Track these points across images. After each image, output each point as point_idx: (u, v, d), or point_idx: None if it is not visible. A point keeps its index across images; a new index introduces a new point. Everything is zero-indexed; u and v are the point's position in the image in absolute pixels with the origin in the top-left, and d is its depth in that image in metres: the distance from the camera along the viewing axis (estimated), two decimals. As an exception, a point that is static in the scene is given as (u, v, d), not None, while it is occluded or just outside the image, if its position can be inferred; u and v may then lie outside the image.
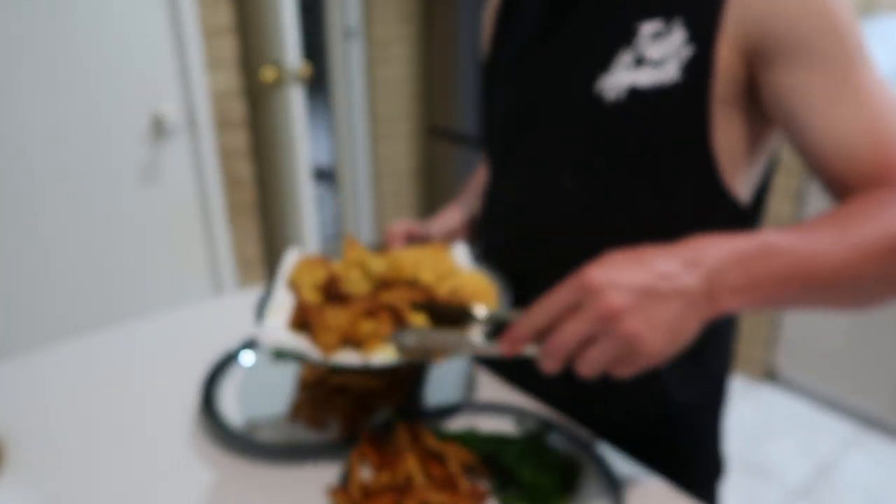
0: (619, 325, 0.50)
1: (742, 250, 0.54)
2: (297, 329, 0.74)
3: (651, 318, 0.51)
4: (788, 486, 2.11)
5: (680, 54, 0.66)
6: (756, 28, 0.63)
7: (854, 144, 0.62)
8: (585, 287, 0.52)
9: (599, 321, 0.51)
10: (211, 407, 0.84)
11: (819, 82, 0.62)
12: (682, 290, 0.52)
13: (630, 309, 0.50)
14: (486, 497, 0.71)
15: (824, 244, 0.55)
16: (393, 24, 2.91)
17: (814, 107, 0.63)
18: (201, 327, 1.07)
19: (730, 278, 0.53)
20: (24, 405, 0.89)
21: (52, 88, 1.73)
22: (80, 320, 1.92)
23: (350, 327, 0.71)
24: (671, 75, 0.67)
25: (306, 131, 2.23)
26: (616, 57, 0.70)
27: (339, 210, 3.18)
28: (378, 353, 0.71)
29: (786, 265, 0.54)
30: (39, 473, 0.77)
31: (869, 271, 0.55)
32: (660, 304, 0.51)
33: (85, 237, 1.88)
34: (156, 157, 1.96)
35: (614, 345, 0.51)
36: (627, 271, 0.52)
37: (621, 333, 0.50)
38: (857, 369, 2.31)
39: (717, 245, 0.54)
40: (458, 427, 0.80)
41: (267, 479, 0.75)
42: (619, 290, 0.51)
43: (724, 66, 0.65)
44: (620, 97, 0.69)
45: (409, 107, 3.10)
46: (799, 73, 0.63)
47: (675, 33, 0.66)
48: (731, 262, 0.53)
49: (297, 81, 2.12)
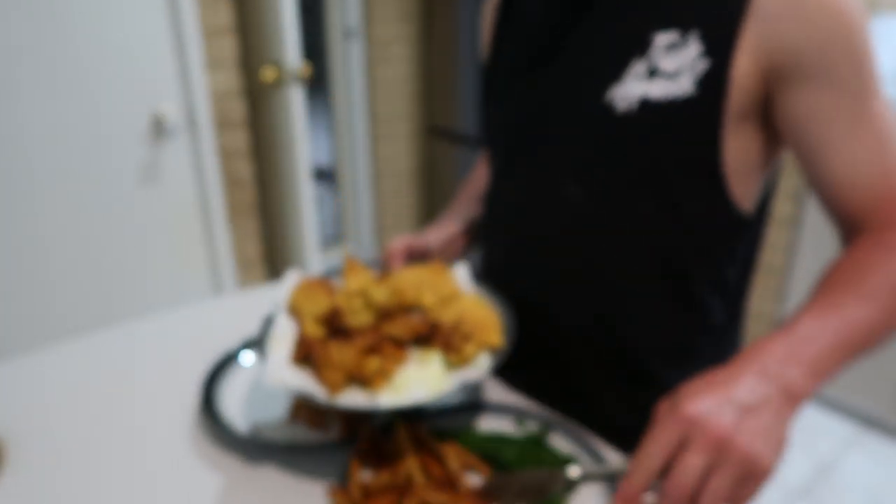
0: (734, 446, 0.50)
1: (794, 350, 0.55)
2: (300, 362, 0.73)
3: (758, 431, 0.50)
4: (788, 486, 2.11)
5: (695, 68, 0.65)
6: (780, 46, 0.62)
7: (865, 175, 0.62)
8: (686, 420, 0.51)
9: (714, 449, 0.50)
10: (211, 407, 0.84)
11: (838, 108, 0.62)
12: (766, 398, 0.52)
13: (738, 427, 0.50)
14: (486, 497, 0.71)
15: (857, 313, 0.58)
16: (393, 24, 2.91)
17: (830, 132, 0.63)
18: (201, 327, 1.07)
19: (794, 375, 0.54)
20: (24, 405, 0.89)
21: (53, 89, 1.73)
22: (80, 320, 1.92)
23: (355, 365, 0.70)
24: (685, 89, 0.65)
25: (306, 131, 2.22)
26: (628, 67, 0.68)
27: (339, 210, 3.18)
28: (384, 392, 0.70)
29: (830, 346, 0.56)
30: (39, 473, 0.77)
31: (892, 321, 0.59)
32: (757, 416, 0.51)
33: (85, 237, 1.88)
34: (156, 157, 1.96)
35: (735, 468, 0.49)
36: (717, 395, 0.52)
37: (739, 454, 0.49)
38: (856, 369, 2.30)
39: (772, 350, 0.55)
40: (458, 427, 0.80)
41: (267, 479, 0.75)
42: (720, 414, 0.50)
43: (740, 81, 0.64)
44: (632, 108, 0.68)
45: (409, 107, 3.10)
46: (820, 97, 0.62)
47: (691, 46, 0.65)
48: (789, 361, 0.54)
49: (297, 81, 2.12)
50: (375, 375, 0.70)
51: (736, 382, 0.53)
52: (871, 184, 0.62)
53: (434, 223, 0.99)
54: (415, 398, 0.69)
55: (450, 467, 0.72)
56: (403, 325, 0.74)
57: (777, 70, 0.63)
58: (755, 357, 0.55)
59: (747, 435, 0.50)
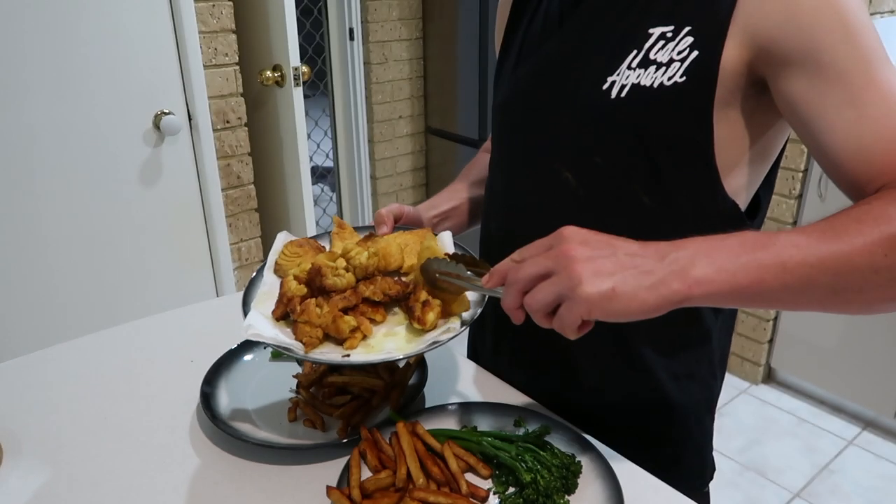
0: (569, 265, 0.56)
1: (717, 240, 0.56)
2: (280, 319, 0.76)
3: (599, 270, 0.55)
4: (788, 486, 2.11)
5: (685, 58, 0.67)
6: (768, 36, 0.63)
7: (869, 145, 0.61)
8: (559, 235, 0.59)
9: (555, 259, 0.57)
10: (211, 407, 0.84)
11: (832, 89, 0.62)
12: (640, 264, 0.55)
13: (585, 258, 0.56)
14: (487, 497, 0.71)
15: (810, 240, 0.55)
16: (393, 25, 2.91)
17: (827, 113, 0.62)
18: (201, 327, 1.07)
19: (701, 264, 0.55)
20: (24, 405, 0.89)
21: (55, 90, 1.73)
22: (80, 319, 1.92)
23: (331, 322, 0.73)
24: (675, 76, 0.67)
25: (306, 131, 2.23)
26: (625, 58, 0.71)
27: (338, 210, 3.18)
28: (358, 349, 0.73)
29: (763, 256, 0.54)
30: (39, 473, 0.77)
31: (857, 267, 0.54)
32: (611, 262, 0.55)
33: (86, 237, 1.88)
34: (157, 157, 1.96)
35: (560, 281, 0.56)
36: (600, 237, 0.58)
37: (569, 273, 0.55)
38: (856, 370, 2.31)
39: (694, 239, 0.57)
40: (458, 427, 0.80)
41: (267, 478, 0.75)
42: (583, 245, 0.57)
43: (728, 69, 0.66)
44: (624, 94, 0.70)
45: (409, 108, 3.11)
46: (811, 82, 0.62)
47: (683, 39, 0.67)
48: (706, 249, 0.55)
49: (297, 82, 2.12)
50: (350, 334, 0.73)
51: (630, 242, 0.58)
52: (877, 153, 0.61)
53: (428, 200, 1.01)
54: (385, 356, 0.71)
55: (450, 467, 0.72)
56: (379, 287, 0.77)
57: (766, 59, 0.64)
58: (670, 243, 0.57)
59: (589, 266, 0.55)
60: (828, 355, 2.37)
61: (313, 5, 2.83)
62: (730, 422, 2.39)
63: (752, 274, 0.54)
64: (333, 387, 0.86)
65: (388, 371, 0.88)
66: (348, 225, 0.90)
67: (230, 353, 0.94)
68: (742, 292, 0.55)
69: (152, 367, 0.97)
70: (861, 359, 2.28)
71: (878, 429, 2.34)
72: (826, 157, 0.64)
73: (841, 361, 2.34)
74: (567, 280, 0.55)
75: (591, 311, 0.55)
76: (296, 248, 0.85)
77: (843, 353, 2.33)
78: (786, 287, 0.54)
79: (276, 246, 0.86)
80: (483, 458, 0.75)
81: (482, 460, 0.75)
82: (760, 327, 2.50)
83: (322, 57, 2.92)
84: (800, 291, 0.55)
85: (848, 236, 0.54)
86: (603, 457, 0.74)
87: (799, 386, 2.54)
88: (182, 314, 1.12)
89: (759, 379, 2.58)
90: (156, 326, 1.09)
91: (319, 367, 0.89)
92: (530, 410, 0.82)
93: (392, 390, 0.85)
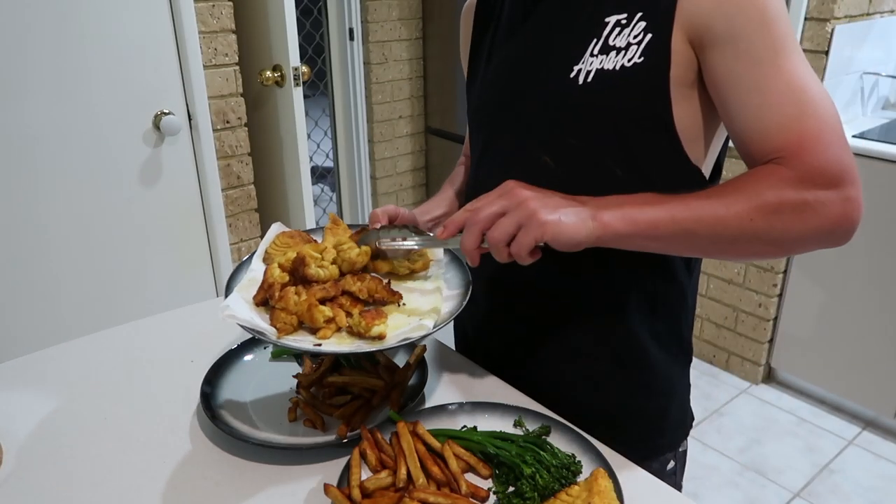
0: (525, 204, 0.69)
1: (627, 196, 0.71)
2: (260, 305, 0.78)
3: (546, 205, 0.69)
4: (788, 486, 2.11)
5: (640, 41, 0.75)
6: (701, 21, 0.71)
7: (767, 127, 0.69)
8: (505, 185, 0.72)
9: (509, 199, 0.70)
10: (211, 407, 0.84)
11: (745, 74, 0.70)
12: (570, 205, 0.70)
13: (534, 198, 0.69)
14: (487, 497, 0.71)
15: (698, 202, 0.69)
16: (393, 25, 2.91)
17: (740, 95, 0.71)
18: (201, 327, 1.07)
19: (610, 211, 0.69)
20: (24, 405, 0.89)
21: (56, 90, 1.73)
22: (80, 319, 1.92)
23: (306, 311, 0.74)
24: (633, 58, 0.75)
25: (306, 131, 2.23)
26: (587, 46, 0.78)
27: (338, 210, 3.18)
28: (331, 340, 0.74)
29: (658, 210, 0.69)
30: (39, 473, 0.77)
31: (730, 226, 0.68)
32: (553, 201, 0.70)
33: (86, 237, 1.88)
34: (157, 158, 1.96)
35: (517, 213, 0.68)
36: (536, 188, 0.71)
37: (526, 207, 0.68)
38: (856, 370, 2.31)
39: (609, 196, 0.71)
40: (458, 427, 0.80)
41: (267, 478, 0.75)
42: (528, 189, 0.71)
43: (678, 52, 0.73)
44: (589, 79, 0.78)
45: (409, 108, 3.11)
46: (730, 65, 0.71)
47: (636, 24, 0.75)
48: (616, 202, 0.70)
49: (297, 82, 2.12)
50: (325, 324, 0.74)
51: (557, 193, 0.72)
52: (773, 135, 0.69)
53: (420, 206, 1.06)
54: (353, 347, 0.73)
55: (450, 467, 0.72)
56: (366, 286, 0.78)
57: (699, 41, 0.72)
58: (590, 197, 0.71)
59: (538, 202, 0.69)
60: (828, 355, 2.37)
61: (313, 5, 2.83)
62: (730, 422, 2.39)
63: (647, 222, 0.69)
64: (333, 387, 0.86)
65: (389, 371, 0.89)
66: (342, 222, 0.92)
67: (230, 353, 0.94)
68: (640, 234, 0.69)
69: (152, 367, 0.97)
70: (861, 359, 2.28)
71: (878, 429, 2.34)
72: (734, 134, 0.74)
73: (841, 361, 2.34)
74: (524, 211, 0.68)
75: (544, 235, 0.67)
76: (286, 239, 0.87)
77: (843, 353, 2.33)
78: (674, 235, 0.69)
79: (269, 236, 0.89)
80: (483, 457, 0.75)
81: (482, 460, 0.75)
82: (760, 327, 2.51)
83: (322, 57, 2.92)
84: (685, 239, 0.70)
85: (727, 202, 0.68)
86: (603, 457, 0.74)
87: (799, 386, 2.54)
88: (182, 314, 1.12)
89: (759, 379, 2.58)
90: (156, 326, 1.09)
91: (319, 367, 0.90)
92: (530, 410, 0.82)
93: (392, 390, 0.85)
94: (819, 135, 0.68)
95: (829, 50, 2.16)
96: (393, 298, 0.79)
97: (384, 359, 0.91)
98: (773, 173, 0.68)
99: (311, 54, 2.85)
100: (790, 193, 0.66)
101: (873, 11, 2.28)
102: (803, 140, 0.68)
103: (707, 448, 2.27)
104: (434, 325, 0.74)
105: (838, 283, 2.28)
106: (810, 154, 0.67)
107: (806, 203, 0.66)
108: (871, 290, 2.20)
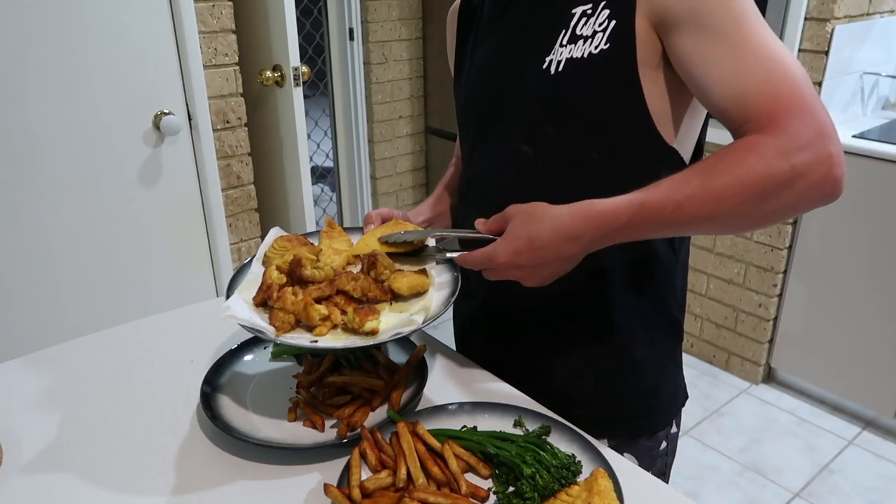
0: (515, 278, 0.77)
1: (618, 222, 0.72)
2: (260, 306, 0.82)
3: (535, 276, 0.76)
4: (788, 486, 2.11)
5: (605, 28, 0.78)
6: (660, 4, 0.74)
7: (743, 93, 0.71)
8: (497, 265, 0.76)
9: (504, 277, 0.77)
10: (211, 407, 0.84)
11: (712, 47, 0.72)
12: (562, 256, 0.74)
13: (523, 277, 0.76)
14: (487, 497, 0.71)
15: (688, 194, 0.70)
16: (393, 25, 2.91)
17: (709, 68, 0.73)
18: (201, 327, 1.07)
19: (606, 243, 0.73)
20: (24, 405, 0.89)
21: (56, 90, 1.73)
22: (81, 319, 1.92)
23: (303, 310, 0.77)
24: (600, 45, 0.78)
25: (306, 131, 2.23)
26: (556, 38, 0.82)
27: (338, 210, 3.18)
28: (327, 337, 0.77)
29: (651, 224, 0.71)
30: (39, 473, 0.77)
31: (722, 212, 0.70)
32: (541, 270, 0.75)
33: (86, 237, 1.88)
34: (157, 158, 1.96)
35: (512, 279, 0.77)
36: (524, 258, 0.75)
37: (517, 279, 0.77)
38: (856, 370, 2.31)
39: (597, 216, 0.72)
40: (458, 427, 0.80)
41: (267, 478, 0.75)
42: (518, 268, 0.76)
43: (642, 36, 0.76)
44: (560, 69, 0.81)
45: (409, 108, 3.11)
46: (695, 41, 0.73)
47: (601, 12, 0.79)
48: (608, 232, 0.72)
49: (297, 82, 2.12)
50: (320, 322, 0.78)
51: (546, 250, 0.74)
52: (750, 99, 0.70)
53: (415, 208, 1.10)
54: (348, 343, 0.76)
55: (450, 467, 0.72)
56: (360, 286, 0.81)
57: (661, 24, 0.75)
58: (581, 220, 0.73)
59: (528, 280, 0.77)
60: (828, 355, 2.37)
61: (313, 5, 2.83)
62: (730, 422, 2.39)
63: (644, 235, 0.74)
64: (333, 387, 0.86)
65: (388, 371, 0.89)
66: (338, 225, 0.96)
67: (230, 353, 0.94)
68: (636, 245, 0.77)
69: (152, 367, 0.97)
70: (861, 359, 2.28)
71: (878, 429, 2.34)
72: (711, 105, 0.75)
73: (841, 361, 2.34)
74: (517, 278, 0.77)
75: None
76: (284, 243, 0.91)
77: (843, 353, 2.33)
78: (671, 233, 0.77)
79: (268, 240, 0.92)
80: (483, 457, 0.75)
81: (482, 460, 0.75)
82: (760, 327, 2.51)
83: (322, 57, 2.92)
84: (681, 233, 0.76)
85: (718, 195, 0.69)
86: (603, 456, 0.74)
87: (799, 386, 2.54)
88: (182, 314, 1.12)
89: (759, 379, 2.58)
90: (156, 326, 1.09)
91: (319, 366, 0.90)
92: (530, 410, 0.82)
93: (392, 390, 0.85)
94: (791, 95, 0.69)
95: (829, 50, 2.16)
96: (385, 297, 0.82)
97: (384, 359, 0.91)
98: (756, 148, 0.68)
99: (311, 54, 2.85)
100: (779, 165, 0.67)
101: (873, 11, 2.28)
102: (778, 103, 0.69)
103: (707, 448, 2.27)
104: (423, 321, 0.77)
105: (838, 283, 2.28)
106: (786, 117, 0.68)
107: (794, 170, 0.67)
108: (870, 291, 2.20)
